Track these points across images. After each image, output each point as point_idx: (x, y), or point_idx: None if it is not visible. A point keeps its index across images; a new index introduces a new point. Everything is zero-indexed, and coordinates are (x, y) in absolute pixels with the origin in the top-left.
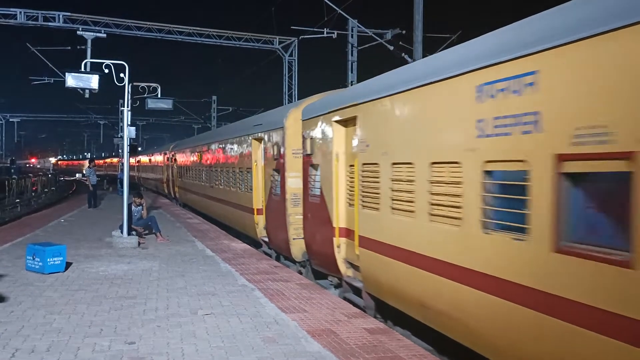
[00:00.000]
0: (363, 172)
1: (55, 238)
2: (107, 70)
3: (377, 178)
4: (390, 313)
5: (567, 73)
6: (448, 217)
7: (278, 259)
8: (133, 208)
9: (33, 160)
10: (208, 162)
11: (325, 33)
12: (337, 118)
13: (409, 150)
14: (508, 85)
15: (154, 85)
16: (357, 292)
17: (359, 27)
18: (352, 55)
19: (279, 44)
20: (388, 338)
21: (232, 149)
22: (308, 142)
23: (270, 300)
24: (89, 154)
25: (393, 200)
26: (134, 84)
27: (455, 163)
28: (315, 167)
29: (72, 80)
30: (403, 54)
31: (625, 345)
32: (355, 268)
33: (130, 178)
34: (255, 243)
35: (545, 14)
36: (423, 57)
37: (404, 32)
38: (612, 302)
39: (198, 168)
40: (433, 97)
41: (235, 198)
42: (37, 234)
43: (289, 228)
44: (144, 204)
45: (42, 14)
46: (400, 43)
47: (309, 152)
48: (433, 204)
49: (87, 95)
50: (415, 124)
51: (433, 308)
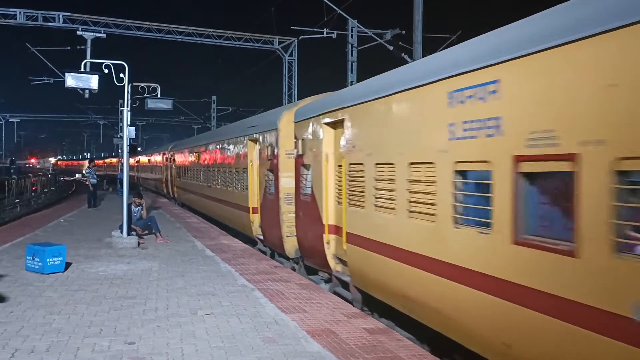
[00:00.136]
0: (350, 171)
1: (55, 238)
2: (106, 71)
3: (362, 177)
4: (377, 307)
5: (522, 82)
6: (424, 213)
7: (272, 256)
8: (133, 208)
9: (33, 161)
10: (205, 162)
11: (325, 33)
12: (326, 120)
13: (391, 152)
14: (475, 93)
15: (154, 86)
16: (345, 286)
17: (359, 27)
18: (351, 56)
19: (279, 44)
20: (388, 338)
21: (228, 150)
22: (300, 143)
23: (270, 301)
24: (89, 154)
25: (376, 198)
26: (134, 84)
27: (430, 163)
28: (307, 167)
29: (71, 81)
30: (403, 54)
31: (572, 327)
32: (344, 263)
33: (130, 178)
34: (252, 241)
35: (508, 27)
36: (423, 57)
37: (404, 32)
38: (561, 288)
39: (196, 168)
40: (411, 102)
41: (232, 197)
42: (36, 234)
43: (283, 226)
44: (144, 204)
45: (41, 14)
46: (400, 43)
47: (301, 152)
48: (411, 202)
49: (86, 96)
50: (396, 127)
51: (412, 299)
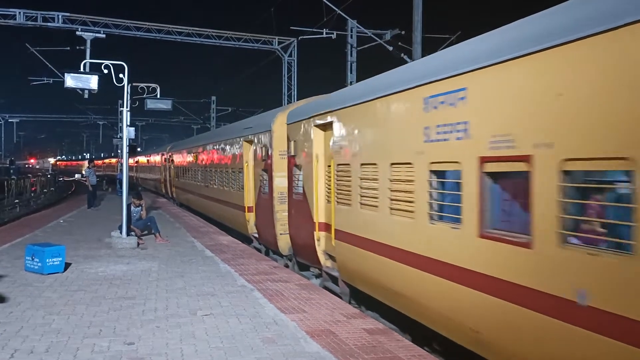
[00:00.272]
0: (338, 171)
1: (55, 238)
2: (106, 71)
3: (349, 177)
4: (365, 300)
5: (485, 90)
6: (404, 210)
7: (267, 254)
8: (132, 208)
9: (32, 161)
10: (203, 162)
11: (325, 33)
12: (316, 122)
13: (374, 153)
14: (446, 99)
15: (153, 86)
16: (334, 281)
17: (358, 27)
18: (351, 56)
19: (279, 45)
20: (387, 338)
21: (225, 151)
22: (292, 144)
23: (270, 301)
24: (88, 155)
25: (362, 197)
26: (133, 85)
27: (409, 164)
28: (299, 167)
29: (71, 81)
30: (402, 55)
31: (532, 312)
32: (333, 259)
33: (129, 178)
34: (248, 239)
35: (475, 39)
36: (422, 57)
37: (403, 32)
38: (520, 276)
39: (194, 168)
40: (392, 106)
41: (229, 197)
42: (36, 235)
43: (276, 224)
44: (143, 205)
45: (41, 15)
46: (400, 43)
47: (293, 153)
48: (393, 200)
49: (86, 96)
50: (379, 130)
51: (395, 292)
